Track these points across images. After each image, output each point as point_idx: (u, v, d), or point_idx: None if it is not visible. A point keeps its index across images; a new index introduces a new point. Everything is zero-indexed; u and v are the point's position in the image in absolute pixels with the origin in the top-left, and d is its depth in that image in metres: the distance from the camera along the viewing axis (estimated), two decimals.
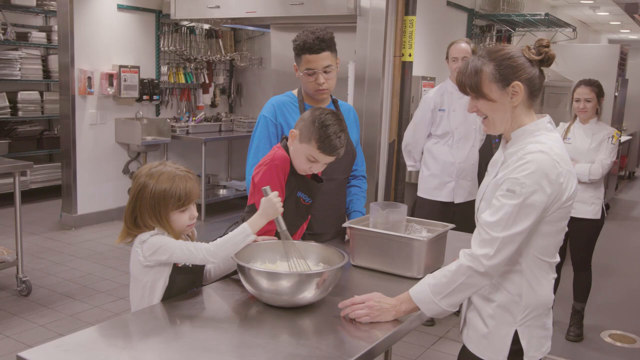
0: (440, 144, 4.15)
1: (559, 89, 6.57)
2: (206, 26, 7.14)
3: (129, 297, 1.97)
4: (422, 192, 4.25)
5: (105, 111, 6.35)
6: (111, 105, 6.39)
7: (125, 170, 6.62)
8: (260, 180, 2.11)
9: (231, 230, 2.24)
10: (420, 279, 2.13)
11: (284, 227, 1.96)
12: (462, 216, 4.06)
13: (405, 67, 4.41)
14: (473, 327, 1.84)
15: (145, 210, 1.85)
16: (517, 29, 6.63)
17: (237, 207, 6.95)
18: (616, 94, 7.29)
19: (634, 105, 10.10)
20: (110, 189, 6.48)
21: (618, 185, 9.54)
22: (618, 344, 4.01)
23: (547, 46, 1.72)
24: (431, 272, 2.20)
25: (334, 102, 2.64)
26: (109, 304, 4.26)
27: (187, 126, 6.92)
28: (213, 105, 7.60)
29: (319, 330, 1.76)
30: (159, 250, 1.83)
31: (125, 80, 6.30)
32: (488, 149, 4.90)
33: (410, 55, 4.39)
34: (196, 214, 1.95)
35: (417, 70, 4.67)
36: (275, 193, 1.95)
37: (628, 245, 6.58)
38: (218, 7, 4.96)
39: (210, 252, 1.83)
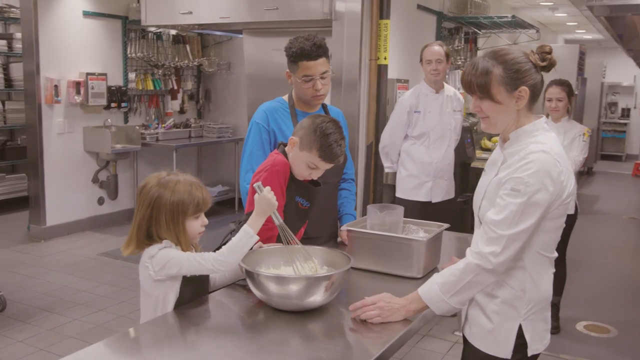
0: (417, 144, 4.23)
1: None
2: (173, 32, 7.07)
3: (140, 311, 1.95)
4: (400, 193, 4.32)
5: (73, 120, 6.22)
6: (79, 114, 6.27)
7: (95, 180, 6.50)
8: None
9: (229, 239, 2.26)
10: (419, 278, 2.20)
11: (280, 220, 1.98)
12: (440, 215, 4.14)
13: (381, 70, 4.47)
14: (477, 324, 1.88)
15: (162, 220, 1.86)
16: (482, 30, 6.78)
17: (210, 213, 6.88)
18: (576, 92, 7.52)
19: (592, 103, 10.46)
20: (80, 199, 6.36)
21: (578, 180, 9.83)
22: (593, 334, 4.15)
23: (550, 52, 1.78)
24: (429, 272, 2.26)
25: (324, 106, 2.66)
26: (89, 316, 4.18)
27: (157, 133, 6.84)
28: (182, 111, 7.53)
29: (330, 334, 1.78)
30: (168, 264, 1.83)
31: (92, 88, 6.19)
32: (462, 149, 5.02)
33: (385, 58, 4.45)
34: (206, 221, 1.97)
35: (391, 73, 4.74)
36: (268, 188, 1.97)
37: (595, 238, 6.80)
38: (190, 12, 4.92)
39: (219, 261, 1.84)
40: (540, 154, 1.71)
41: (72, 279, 4.94)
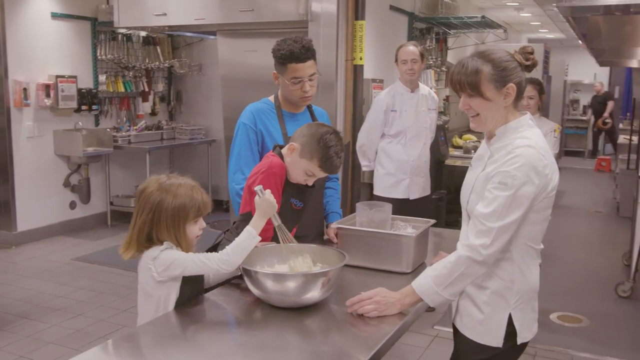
0: (393, 143, 4.30)
1: None
2: (143, 33, 7.01)
3: (139, 313, 1.95)
4: (378, 191, 4.39)
5: (43, 123, 6.12)
6: (49, 117, 6.17)
7: (66, 183, 6.41)
8: None
9: (222, 239, 2.28)
10: (408, 273, 2.26)
11: (279, 222, 2.02)
12: (417, 212, 4.19)
13: (357, 70, 4.52)
14: (468, 315, 1.95)
15: (163, 224, 1.87)
16: (452, 30, 6.91)
17: None
18: None
19: (556, 100, 10.74)
20: (52, 204, 6.26)
21: None
22: (566, 324, 4.28)
23: (532, 53, 1.86)
24: (418, 266, 2.32)
25: (309, 107, 2.70)
26: (67, 322, 4.13)
27: (129, 136, 6.78)
28: (153, 113, 7.46)
29: (328, 329, 1.82)
30: (171, 265, 1.85)
31: (62, 91, 6.10)
32: (436, 147, 5.12)
33: (361, 58, 4.51)
34: (204, 224, 1.98)
35: (366, 73, 4.80)
36: (268, 191, 2.00)
37: (563, 232, 6.99)
38: (165, 14, 4.90)
39: (223, 260, 1.86)
40: (526, 149, 1.78)
41: (47, 284, 4.87)
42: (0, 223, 6.00)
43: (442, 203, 5.35)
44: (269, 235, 2.15)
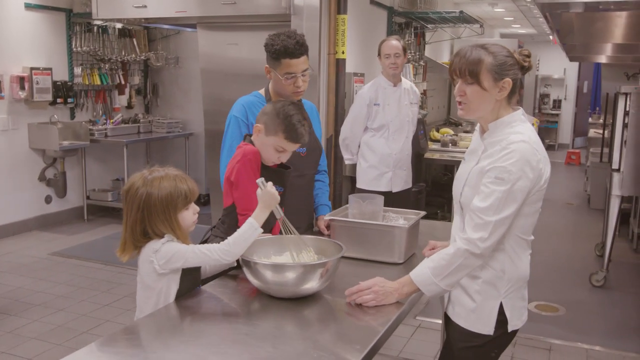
0: (376, 136, 4.35)
1: None
2: (119, 25, 6.92)
3: (138, 306, 1.95)
4: (361, 184, 4.43)
5: (17, 116, 6.01)
6: (23, 110, 6.06)
7: (42, 177, 6.31)
8: (237, 177, 2.17)
9: (210, 235, 2.29)
10: (401, 263, 2.30)
11: (282, 214, 2.05)
12: (399, 204, 4.23)
13: (339, 64, 4.55)
14: (460, 304, 2.00)
15: (156, 217, 1.87)
16: (429, 25, 6.98)
17: None
18: None
19: (528, 95, 10.93)
20: (26, 198, 6.16)
21: None
22: (544, 313, 4.40)
23: (529, 56, 1.91)
24: (409, 257, 2.37)
25: (298, 101, 2.71)
26: (48, 317, 4.08)
27: (106, 129, 6.69)
28: (129, 106, 7.39)
29: (327, 318, 1.86)
30: (172, 257, 1.86)
31: (37, 83, 6.00)
32: (415, 140, 5.18)
33: (343, 52, 4.54)
34: (198, 208, 1.99)
35: (347, 67, 4.83)
36: (270, 183, 2.02)
37: (537, 224, 7.11)
38: (145, 6, 4.84)
39: (224, 251, 1.88)
40: (520, 144, 1.83)
41: (26, 280, 4.80)
42: None
43: (422, 196, 5.41)
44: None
